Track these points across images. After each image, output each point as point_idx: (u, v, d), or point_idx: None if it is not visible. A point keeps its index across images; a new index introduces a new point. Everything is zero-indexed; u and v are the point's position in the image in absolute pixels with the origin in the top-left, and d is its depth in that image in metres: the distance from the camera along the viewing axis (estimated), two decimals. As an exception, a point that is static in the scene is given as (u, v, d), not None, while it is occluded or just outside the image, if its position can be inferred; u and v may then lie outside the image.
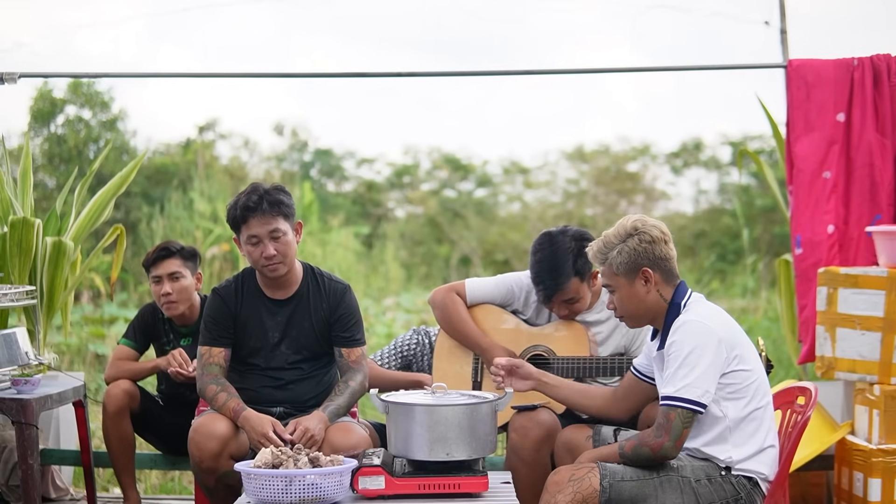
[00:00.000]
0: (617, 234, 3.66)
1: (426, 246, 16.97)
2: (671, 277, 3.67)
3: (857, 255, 5.51)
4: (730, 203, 16.79)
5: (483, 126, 20.52)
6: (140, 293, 12.80)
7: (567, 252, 4.36)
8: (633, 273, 3.63)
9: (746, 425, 3.58)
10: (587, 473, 3.53)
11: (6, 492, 5.54)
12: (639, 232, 3.63)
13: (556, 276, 4.35)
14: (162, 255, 5.06)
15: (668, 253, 3.65)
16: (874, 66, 5.55)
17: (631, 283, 3.64)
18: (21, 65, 6.05)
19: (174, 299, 5.02)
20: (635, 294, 3.65)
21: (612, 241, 3.66)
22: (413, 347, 5.07)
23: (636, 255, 3.62)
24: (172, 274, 5.03)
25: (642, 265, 3.62)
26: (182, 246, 5.14)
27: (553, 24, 13.28)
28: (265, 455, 3.51)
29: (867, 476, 4.80)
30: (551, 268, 4.36)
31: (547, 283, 4.38)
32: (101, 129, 14.90)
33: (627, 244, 3.62)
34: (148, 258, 5.11)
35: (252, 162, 17.27)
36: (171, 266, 5.05)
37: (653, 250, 3.62)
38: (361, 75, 6.26)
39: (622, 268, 3.63)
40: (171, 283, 5.02)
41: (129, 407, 4.97)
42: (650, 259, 3.62)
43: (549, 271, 4.37)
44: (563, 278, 4.34)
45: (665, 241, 3.65)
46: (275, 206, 4.23)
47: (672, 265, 3.67)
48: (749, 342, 3.67)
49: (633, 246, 3.62)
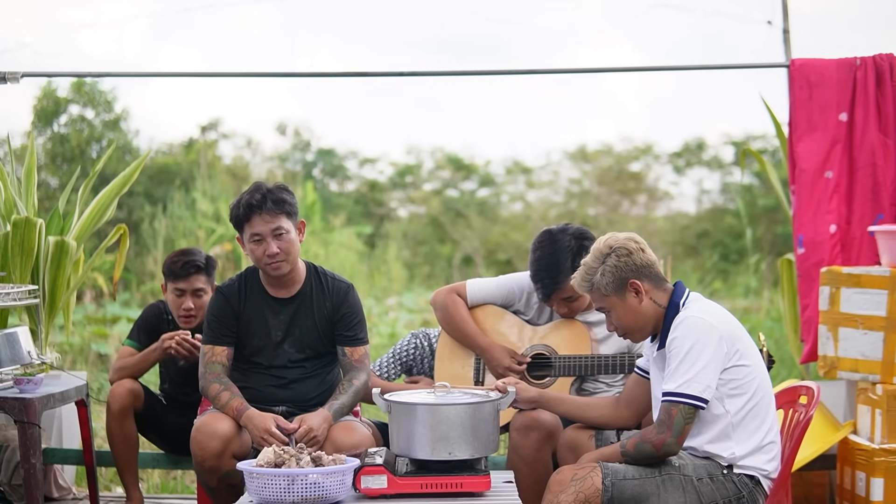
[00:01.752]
0: (594, 258, 3.71)
1: (429, 246, 16.98)
2: (659, 282, 3.70)
3: (859, 255, 5.51)
4: (732, 203, 16.79)
5: (486, 126, 20.56)
6: (143, 293, 12.82)
7: (567, 251, 4.37)
8: (621, 289, 3.67)
9: (749, 422, 3.59)
10: (589, 473, 3.53)
11: (9, 491, 5.54)
12: (614, 249, 3.68)
13: (555, 275, 4.36)
14: (190, 272, 5.00)
15: (648, 259, 3.69)
16: (877, 66, 5.55)
17: (622, 299, 3.68)
18: (24, 64, 6.05)
19: (194, 314, 5.01)
20: (630, 308, 3.69)
21: (592, 266, 3.70)
22: (412, 352, 5.06)
23: (619, 271, 3.66)
24: (197, 290, 5.02)
25: (628, 278, 3.66)
26: (206, 258, 5.08)
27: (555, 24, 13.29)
28: (267, 454, 3.51)
29: (869, 476, 4.80)
30: (550, 266, 4.37)
31: (546, 282, 4.38)
32: (104, 129, 14.92)
33: (607, 264, 3.67)
34: (173, 269, 5.04)
35: (255, 162, 17.30)
36: (197, 283, 5.02)
37: (633, 261, 3.66)
38: (364, 75, 6.26)
39: (610, 287, 3.67)
40: (195, 299, 5.01)
41: (132, 406, 4.97)
42: (633, 270, 3.66)
43: (547, 270, 4.38)
44: (562, 277, 4.35)
45: (641, 249, 3.70)
46: (278, 204, 4.24)
47: (656, 270, 3.71)
48: (749, 338, 3.69)
49: (613, 263, 3.66)
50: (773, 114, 5.98)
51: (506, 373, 4.46)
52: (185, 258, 5.04)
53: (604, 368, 4.42)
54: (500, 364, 4.47)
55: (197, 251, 5.12)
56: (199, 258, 5.05)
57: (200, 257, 5.06)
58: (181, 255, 5.08)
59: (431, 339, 5.05)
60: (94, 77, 12.12)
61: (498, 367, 4.48)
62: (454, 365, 4.63)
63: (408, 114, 20.50)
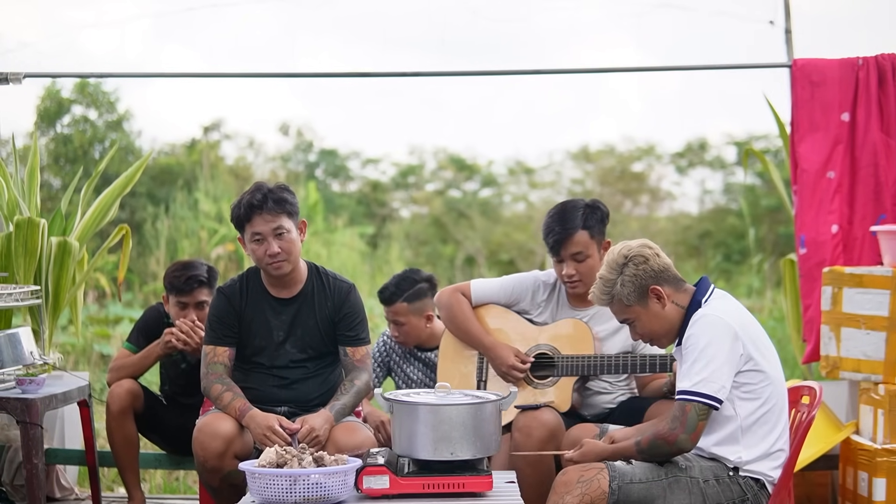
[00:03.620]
0: (611, 270, 3.68)
1: (431, 246, 16.97)
2: (679, 284, 3.70)
3: (861, 255, 5.50)
4: (735, 203, 16.77)
5: (488, 126, 20.52)
6: (145, 293, 12.82)
7: (579, 208, 4.43)
8: (643, 297, 3.66)
9: (759, 428, 3.58)
10: (596, 475, 3.52)
11: (11, 491, 5.55)
12: (630, 258, 3.66)
13: (565, 223, 4.38)
14: (193, 286, 5.01)
15: (664, 264, 3.68)
16: (879, 66, 5.54)
17: (645, 307, 3.67)
18: (26, 65, 6.05)
19: (198, 325, 5.01)
20: (655, 314, 3.67)
21: (610, 278, 3.68)
22: (382, 349, 5.19)
23: (638, 280, 3.64)
24: (200, 303, 5.03)
25: (648, 285, 3.65)
26: (208, 269, 5.09)
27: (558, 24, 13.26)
28: (269, 454, 3.51)
29: (872, 476, 4.79)
30: (561, 217, 4.41)
31: (556, 230, 4.39)
32: (107, 130, 14.92)
33: (625, 274, 3.65)
34: (175, 284, 5.03)
35: (257, 162, 17.30)
36: (200, 296, 5.03)
37: (651, 268, 3.65)
38: (366, 75, 6.26)
39: (632, 297, 3.66)
40: (198, 311, 5.01)
41: (132, 406, 4.97)
42: (653, 277, 3.65)
43: (559, 221, 4.41)
44: (572, 227, 4.37)
45: (657, 254, 3.69)
46: (279, 203, 4.24)
47: (673, 272, 3.70)
48: (770, 344, 3.67)
49: (632, 272, 3.65)
50: (776, 113, 5.97)
51: (509, 371, 4.46)
52: (188, 273, 5.03)
53: (607, 368, 4.42)
54: (504, 363, 4.47)
55: (199, 264, 5.10)
56: (202, 272, 5.05)
57: (202, 271, 5.06)
58: (183, 269, 5.06)
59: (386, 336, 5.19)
60: (97, 77, 12.11)
61: (502, 366, 4.48)
62: (457, 364, 4.63)
63: (410, 114, 20.48)
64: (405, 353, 5.14)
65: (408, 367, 5.14)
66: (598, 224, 4.41)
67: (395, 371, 5.18)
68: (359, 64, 18.51)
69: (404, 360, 5.15)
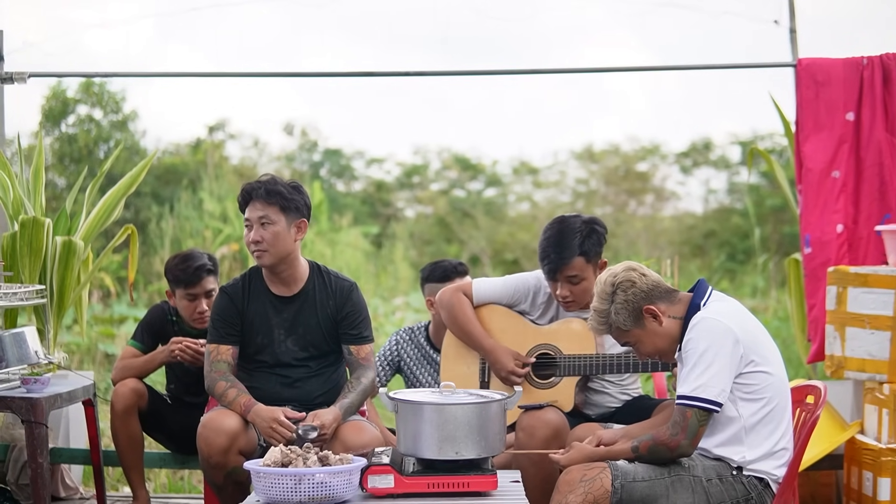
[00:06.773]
0: (602, 300, 3.68)
1: (435, 246, 16.96)
2: (671, 296, 3.68)
3: (866, 255, 5.50)
4: (739, 202, 16.76)
5: (492, 126, 20.51)
6: (150, 293, 12.81)
7: (575, 232, 4.38)
8: (639, 319, 3.65)
9: (762, 427, 3.57)
10: (599, 474, 3.52)
11: (16, 490, 5.56)
12: (617, 285, 3.65)
13: (561, 251, 4.35)
14: (201, 276, 5.02)
15: (652, 282, 3.67)
16: (884, 65, 5.54)
17: (643, 328, 3.66)
18: (31, 65, 6.06)
19: (209, 315, 5.01)
20: (654, 333, 3.66)
21: (603, 307, 3.68)
22: (394, 348, 5.18)
23: (630, 304, 3.64)
24: (209, 292, 5.04)
25: (641, 307, 3.64)
26: (209, 257, 5.11)
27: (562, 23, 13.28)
28: (274, 454, 3.51)
29: (876, 475, 4.79)
30: (558, 243, 4.37)
31: (552, 257, 4.37)
32: (112, 129, 14.92)
33: (616, 302, 3.65)
34: (182, 276, 5.04)
35: (262, 162, 17.30)
36: (209, 284, 5.05)
37: (640, 290, 3.64)
38: (371, 75, 6.26)
39: (628, 321, 3.65)
40: (209, 300, 5.02)
41: (136, 405, 4.98)
42: (644, 298, 3.64)
43: (555, 246, 4.37)
44: (568, 253, 4.34)
45: (642, 274, 3.67)
46: (270, 195, 4.29)
47: (664, 287, 3.69)
48: (772, 343, 3.66)
49: (623, 299, 3.64)
50: (781, 112, 5.97)
51: (509, 377, 4.45)
52: (193, 263, 5.03)
53: (609, 368, 4.41)
54: (504, 368, 4.46)
55: (199, 253, 5.12)
56: (205, 260, 5.06)
57: (205, 259, 5.07)
58: (185, 260, 5.07)
59: (414, 332, 5.16)
60: (100, 77, 12.12)
61: (501, 371, 4.47)
62: (460, 364, 4.63)
63: (414, 114, 20.46)
64: (419, 355, 5.13)
65: (419, 369, 5.12)
66: (594, 247, 4.37)
67: (406, 373, 5.17)
68: (363, 63, 18.50)
69: (416, 363, 5.13)
